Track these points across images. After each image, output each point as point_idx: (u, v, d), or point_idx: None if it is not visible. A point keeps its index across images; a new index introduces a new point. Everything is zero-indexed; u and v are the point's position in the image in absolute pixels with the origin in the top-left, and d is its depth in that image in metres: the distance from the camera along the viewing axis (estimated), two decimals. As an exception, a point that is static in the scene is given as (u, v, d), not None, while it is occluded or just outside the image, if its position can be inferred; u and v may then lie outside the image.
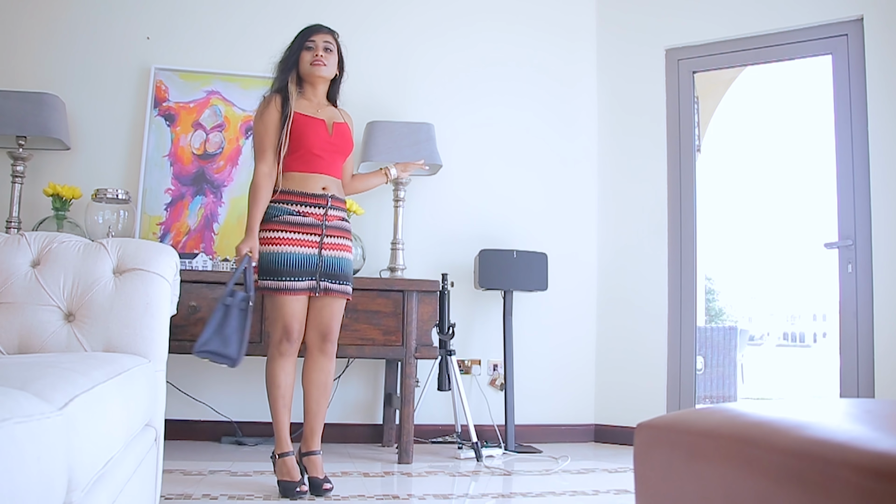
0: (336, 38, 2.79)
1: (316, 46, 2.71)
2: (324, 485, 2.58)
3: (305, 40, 2.72)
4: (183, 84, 3.83)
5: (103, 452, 1.25)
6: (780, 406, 0.98)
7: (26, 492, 0.85)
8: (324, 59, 2.70)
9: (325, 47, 2.72)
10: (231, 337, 2.46)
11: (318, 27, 2.76)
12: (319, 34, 2.73)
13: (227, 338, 2.45)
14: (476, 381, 3.97)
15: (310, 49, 2.71)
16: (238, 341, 2.47)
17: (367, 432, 3.83)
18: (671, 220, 3.98)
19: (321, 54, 2.70)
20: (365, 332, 3.27)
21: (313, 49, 2.70)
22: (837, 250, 3.58)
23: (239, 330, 2.48)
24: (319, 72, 2.71)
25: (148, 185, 3.71)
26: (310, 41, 2.72)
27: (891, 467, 0.63)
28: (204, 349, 2.43)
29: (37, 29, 3.79)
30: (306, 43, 2.71)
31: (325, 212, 2.67)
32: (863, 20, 3.55)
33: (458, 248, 3.97)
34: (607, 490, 2.84)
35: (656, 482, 1.03)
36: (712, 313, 29.16)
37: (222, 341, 2.45)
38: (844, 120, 3.61)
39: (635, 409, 3.87)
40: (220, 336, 2.45)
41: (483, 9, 4.20)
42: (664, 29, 4.07)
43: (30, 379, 1.08)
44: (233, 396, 3.71)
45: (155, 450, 1.92)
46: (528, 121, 4.17)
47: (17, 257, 1.93)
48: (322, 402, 2.70)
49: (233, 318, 2.48)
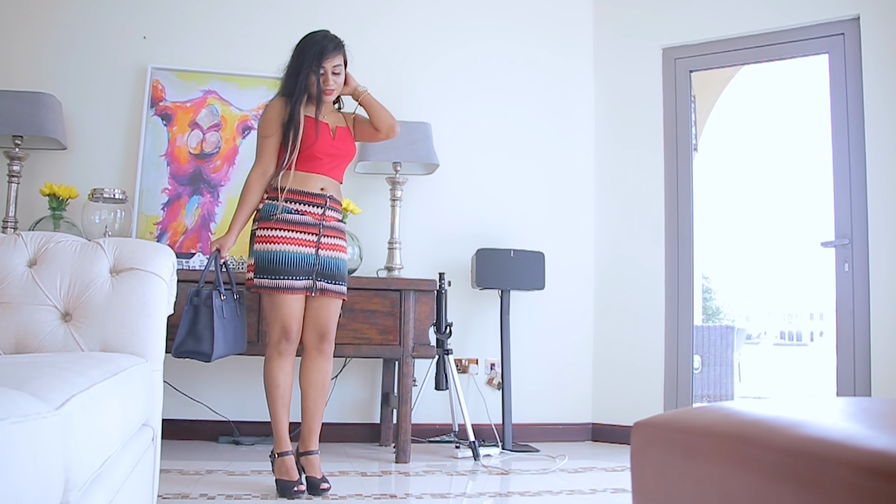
0: (344, 53, 2.72)
1: (326, 74, 2.66)
2: (321, 484, 2.59)
3: (315, 64, 2.64)
4: (179, 83, 3.83)
5: (100, 452, 1.25)
6: (776, 405, 0.98)
7: (23, 492, 0.85)
8: (332, 85, 2.68)
9: (335, 72, 2.68)
10: (203, 334, 2.54)
11: (328, 47, 2.66)
12: (329, 59, 2.65)
13: (199, 335, 2.54)
14: (473, 381, 3.97)
15: (321, 74, 2.66)
16: (210, 337, 2.54)
17: (364, 432, 3.83)
18: (668, 219, 3.98)
19: (331, 83, 2.67)
20: (362, 331, 3.26)
21: (324, 76, 2.66)
22: (834, 249, 3.59)
23: (209, 326, 2.54)
24: (327, 99, 2.71)
25: (145, 185, 3.70)
26: (319, 66, 2.64)
27: (886, 466, 0.64)
28: (180, 350, 2.54)
29: (33, 28, 3.78)
30: (317, 67, 2.64)
31: (323, 212, 2.67)
32: (859, 19, 3.55)
33: (455, 248, 3.97)
34: (604, 489, 2.84)
35: (653, 481, 1.03)
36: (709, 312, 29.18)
37: (195, 340, 2.54)
38: (841, 119, 3.61)
39: (632, 408, 3.87)
40: (193, 335, 2.54)
41: (479, 6, 4.20)
42: (661, 27, 4.08)
43: (26, 379, 1.07)
44: (230, 396, 3.71)
45: (152, 449, 1.92)
46: (525, 119, 4.17)
47: (14, 257, 1.92)
48: (320, 402, 2.70)
49: (201, 315, 2.55)
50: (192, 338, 2.53)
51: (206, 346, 2.53)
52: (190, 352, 2.54)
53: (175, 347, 2.52)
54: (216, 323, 2.54)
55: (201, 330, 2.54)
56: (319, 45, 2.66)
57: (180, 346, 2.53)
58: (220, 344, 2.54)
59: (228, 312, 2.61)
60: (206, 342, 2.53)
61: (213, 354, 2.53)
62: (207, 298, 2.56)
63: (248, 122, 3.83)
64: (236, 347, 2.64)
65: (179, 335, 2.53)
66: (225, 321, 2.58)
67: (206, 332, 2.54)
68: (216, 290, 2.58)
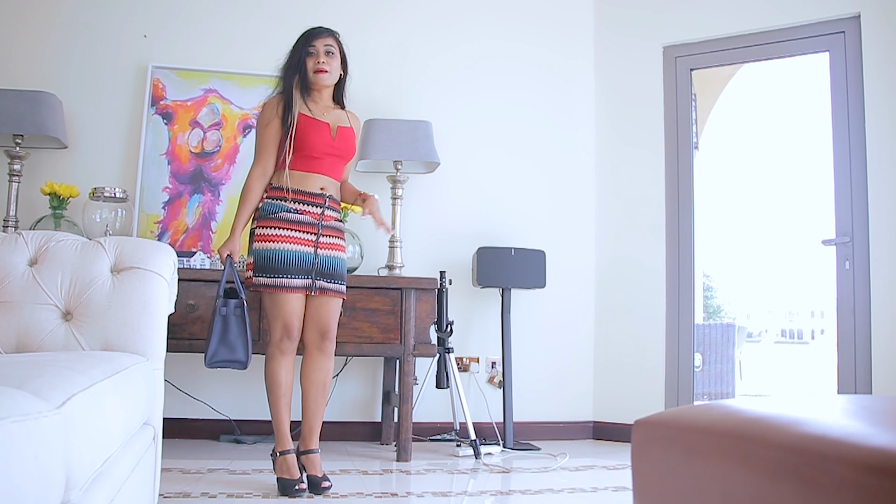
0: (337, 39, 2.77)
1: (317, 52, 2.69)
2: (322, 483, 2.59)
3: (307, 46, 2.69)
4: (180, 82, 3.83)
5: (101, 451, 1.25)
6: (777, 402, 0.98)
7: (24, 491, 0.85)
8: (326, 66, 2.69)
9: (327, 51, 2.70)
10: (235, 343, 2.58)
11: (318, 31, 2.73)
12: (320, 38, 2.71)
13: (232, 344, 2.58)
14: (474, 379, 3.97)
15: (311, 55, 2.69)
16: (243, 345, 2.59)
17: (365, 430, 3.83)
18: (669, 217, 3.98)
19: (323, 60, 2.68)
20: (363, 329, 3.27)
21: (315, 55, 2.69)
22: (835, 247, 3.58)
23: (241, 335, 2.59)
24: (323, 80, 2.70)
25: (145, 184, 3.70)
26: (311, 46, 2.69)
27: (887, 463, 0.64)
28: (214, 360, 2.57)
29: (34, 27, 3.78)
30: (308, 49, 2.69)
31: (322, 211, 2.67)
32: (860, 17, 3.55)
33: (455, 246, 3.97)
34: (606, 487, 2.84)
35: (654, 479, 1.03)
36: (710, 310, 29.13)
37: (229, 349, 2.58)
38: (842, 117, 3.61)
39: (633, 406, 3.87)
40: (225, 345, 2.58)
41: (479, 4, 4.19)
42: (662, 25, 4.07)
43: (27, 378, 1.08)
44: (231, 395, 3.71)
45: (153, 448, 1.92)
46: (526, 117, 4.17)
47: (15, 256, 1.92)
48: (321, 401, 2.71)
49: (231, 325, 2.59)
50: (224, 347, 2.57)
51: (240, 354, 2.58)
52: (225, 361, 2.58)
53: (209, 358, 2.56)
54: (248, 331, 2.60)
55: (233, 339, 2.58)
56: (309, 31, 2.74)
57: (214, 356, 2.56)
58: (251, 349, 2.62)
59: (248, 318, 2.66)
60: (239, 350, 2.58)
61: (247, 362, 2.59)
62: (237, 308, 2.60)
63: (248, 120, 3.83)
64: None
65: (211, 346, 2.56)
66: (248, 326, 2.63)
67: (239, 340, 2.58)
68: (240, 299, 2.62)
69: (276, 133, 2.66)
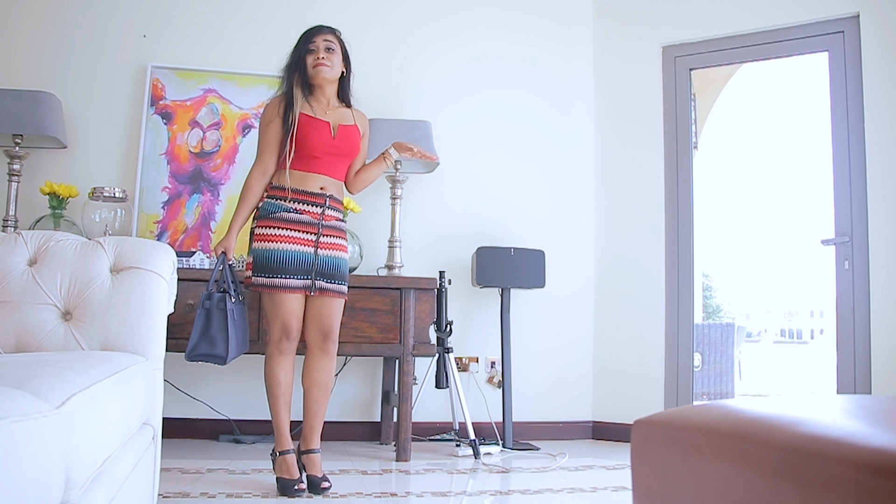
0: (338, 37, 2.77)
1: (317, 48, 2.69)
2: (322, 483, 2.59)
3: (307, 43, 2.70)
4: (180, 82, 3.82)
5: (101, 451, 1.25)
6: (776, 402, 0.98)
7: (24, 491, 0.85)
8: (326, 61, 2.69)
9: (327, 47, 2.70)
10: (216, 337, 2.57)
11: (318, 28, 2.74)
12: (320, 35, 2.72)
13: (213, 338, 2.57)
14: (474, 379, 3.97)
15: (312, 52, 2.69)
16: (224, 339, 2.56)
17: (364, 430, 3.83)
18: (668, 217, 3.98)
19: (323, 56, 2.69)
20: (362, 329, 3.27)
21: (315, 51, 2.69)
22: (834, 247, 3.58)
23: (222, 329, 2.56)
24: (323, 74, 2.70)
25: (145, 184, 3.70)
26: (311, 43, 2.70)
27: (887, 463, 0.64)
28: (194, 354, 2.56)
29: (33, 27, 3.78)
30: (308, 46, 2.70)
31: (322, 211, 2.67)
32: (859, 17, 3.55)
33: (455, 246, 3.97)
34: (605, 487, 2.84)
35: (653, 479, 1.03)
36: (710, 310, 29.18)
37: (209, 343, 2.57)
38: (841, 116, 3.61)
39: (633, 406, 3.88)
40: (206, 339, 2.57)
41: (479, 4, 4.20)
42: (661, 25, 4.07)
43: (27, 378, 1.08)
44: (231, 395, 3.71)
45: (153, 448, 1.92)
46: (526, 117, 4.17)
47: (14, 256, 1.92)
48: (322, 401, 2.71)
49: (214, 319, 2.58)
50: (205, 341, 2.56)
51: (220, 349, 2.56)
52: (204, 355, 2.56)
53: (189, 351, 2.55)
54: (230, 326, 2.57)
55: (214, 333, 2.56)
56: (309, 29, 2.75)
57: (194, 349, 2.55)
58: (233, 346, 2.58)
59: (238, 314, 2.64)
60: (220, 345, 2.56)
61: (227, 357, 2.56)
62: (220, 302, 2.58)
63: (248, 120, 3.83)
64: (244, 348, 2.68)
65: (192, 339, 2.55)
66: (236, 323, 2.61)
67: (220, 335, 2.56)
68: (227, 294, 2.60)
69: (276, 132, 2.67)
